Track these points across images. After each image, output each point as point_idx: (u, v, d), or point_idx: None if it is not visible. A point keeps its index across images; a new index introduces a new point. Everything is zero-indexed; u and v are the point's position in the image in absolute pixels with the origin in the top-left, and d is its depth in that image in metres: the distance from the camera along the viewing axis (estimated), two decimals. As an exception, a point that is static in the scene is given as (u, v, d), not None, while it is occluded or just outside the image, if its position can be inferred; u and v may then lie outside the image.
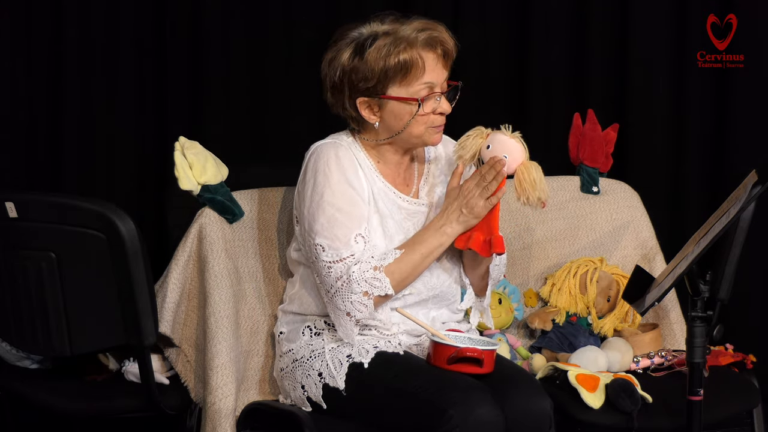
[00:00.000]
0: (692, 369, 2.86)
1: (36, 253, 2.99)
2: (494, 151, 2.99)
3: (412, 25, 3.00)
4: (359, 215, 2.99)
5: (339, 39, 3.03)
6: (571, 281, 3.48)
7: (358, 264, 2.95)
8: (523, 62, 4.29)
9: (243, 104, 4.16)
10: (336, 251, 2.96)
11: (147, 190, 4.10)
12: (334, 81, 3.02)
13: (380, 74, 2.97)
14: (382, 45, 2.97)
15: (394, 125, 3.02)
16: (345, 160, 3.02)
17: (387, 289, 2.96)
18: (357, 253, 2.96)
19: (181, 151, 3.18)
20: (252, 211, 3.28)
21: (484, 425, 2.78)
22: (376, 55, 2.96)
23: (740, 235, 3.33)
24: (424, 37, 2.97)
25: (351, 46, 3.00)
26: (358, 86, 2.99)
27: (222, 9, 4.10)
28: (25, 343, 3.11)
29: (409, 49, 2.96)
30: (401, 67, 2.96)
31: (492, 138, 3.01)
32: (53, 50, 3.99)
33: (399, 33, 2.98)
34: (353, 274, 2.94)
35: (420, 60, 2.97)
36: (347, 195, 2.99)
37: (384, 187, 3.07)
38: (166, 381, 3.22)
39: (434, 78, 2.99)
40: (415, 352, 3.05)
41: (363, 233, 2.98)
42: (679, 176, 4.34)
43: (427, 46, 2.98)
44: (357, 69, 2.98)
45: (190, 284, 3.22)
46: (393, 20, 3.02)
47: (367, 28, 3.02)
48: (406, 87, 2.98)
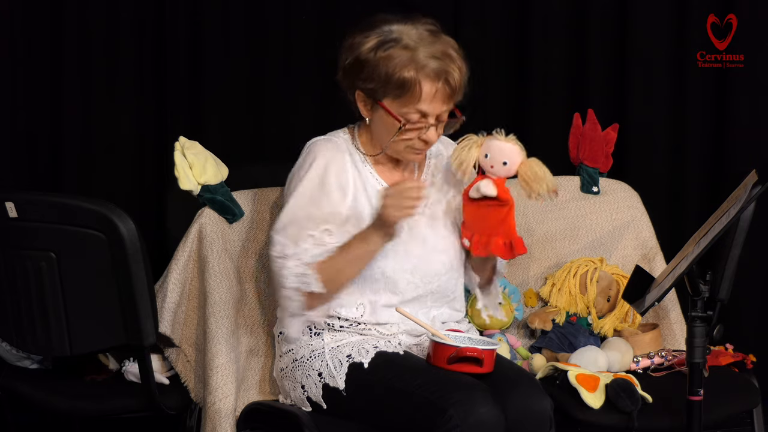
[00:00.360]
0: (692, 369, 2.86)
1: (36, 253, 2.99)
2: (493, 159, 2.98)
3: (433, 48, 2.95)
4: (320, 217, 2.99)
5: (372, 27, 3.00)
6: (571, 281, 3.48)
7: (294, 260, 2.97)
8: (523, 62, 4.29)
9: (243, 104, 4.16)
10: (282, 247, 2.99)
11: (147, 190, 4.10)
12: (345, 65, 3.01)
13: (381, 81, 2.96)
14: (394, 55, 2.94)
15: (379, 133, 3.03)
16: (332, 161, 3.02)
17: (315, 286, 2.95)
18: (300, 252, 2.97)
19: (181, 151, 3.18)
20: (252, 211, 3.28)
21: (485, 425, 2.78)
22: (386, 63, 2.94)
23: (740, 235, 3.33)
24: (433, 67, 2.93)
25: (375, 40, 2.97)
26: (361, 80, 2.99)
27: (222, 9, 4.11)
28: (25, 343, 3.11)
29: (414, 72, 2.93)
30: (400, 85, 2.94)
31: (488, 146, 3.00)
32: (53, 50, 3.99)
33: (416, 51, 2.94)
34: (286, 270, 2.97)
35: (418, 87, 2.94)
36: (315, 197, 3.00)
37: (377, 185, 3.07)
38: (166, 381, 3.22)
39: (428, 108, 2.96)
40: (415, 352, 3.05)
41: (317, 234, 2.99)
42: (679, 176, 4.34)
43: (431, 76, 2.94)
44: (367, 65, 2.97)
45: (190, 284, 3.22)
46: (427, 33, 2.98)
47: (399, 27, 2.98)
48: (398, 105, 2.96)
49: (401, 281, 3.03)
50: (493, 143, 2.99)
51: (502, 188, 3.00)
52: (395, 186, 2.91)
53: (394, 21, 3.00)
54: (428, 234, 3.08)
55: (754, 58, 4.27)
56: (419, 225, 3.07)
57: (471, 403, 2.79)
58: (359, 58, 2.98)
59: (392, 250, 3.02)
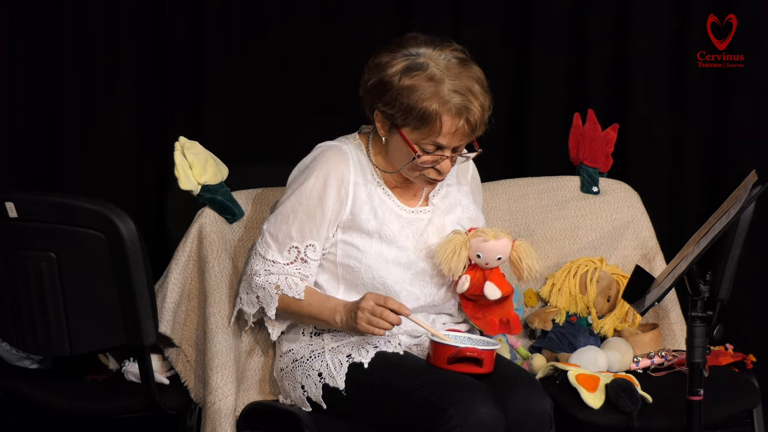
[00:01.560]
0: (692, 369, 2.86)
1: (36, 253, 2.99)
2: (487, 258, 3.02)
3: (458, 82, 2.91)
4: (309, 231, 3.00)
5: (400, 46, 2.96)
6: (571, 281, 3.48)
7: (268, 274, 3.00)
8: (523, 62, 4.29)
9: (243, 104, 4.16)
10: (266, 247, 3.01)
11: (147, 190, 4.10)
12: (368, 85, 2.97)
13: (403, 110, 2.92)
14: (419, 86, 2.90)
15: (393, 155, 3.01)
16: (335, 172, 3.00)
17: (270, 310, 3.01)
18: (278, 264, 3.00)
19: (181, 151, 3.18)
20: (252, 211, 3.28)
21: (485, 425, 2.78)
22: (409, 92, 2.90)
23: (740, 235, 3.33)
24: (456, 103, 2.90)
25: (401, 65, 2.93)
26: (382, 103, 2.95)
27: (222, 9, 4.11)
28: (25, 343, 3.11)
29: (437, 106, 2.90)
30: (421, 117, 2.91)
31: (478, 248, 3.02)
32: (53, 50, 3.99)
33: (441, 84, 2.90)
34: (256, 278, 3.00)
35: (439, 122, 2.90)
36: (311, 207, 3.00)
37: (383, 195, 3.06)
38: (166, 381, 3.22)
39: (446, 142, 2.93)
40: (415, 352, 3.05)
41: (301, 249, 3.00)
42: (679, 176, 4.34)
43: (452, 112, 2.90)
44: (390, 89, 2.92)
45: (190, 284, 3.22)
46: (456, 62, 2.94)
47: (428, 52, 2.94)
48: (417, 135, 2.93)
49: (402, 292, 3.02)
50: (485, 246, 3.02)
51: (501, 284, 3.05)
52: (379, 304, 2.89)
53: (422, 43, 2.95)
54: (433, 245, 3.06)
55: (754, 58, 4.27)
56: (424, 235, 3.07)
57: (471, 403, 2.79)
58: (383, 80, 2.94)
59: (394, 261, 3.02)
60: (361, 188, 3.03)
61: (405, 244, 3.03)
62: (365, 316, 2.89)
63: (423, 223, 3.07)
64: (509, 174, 3.65)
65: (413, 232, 3.06)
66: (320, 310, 2.99)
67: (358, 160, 3.05)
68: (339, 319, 2.96)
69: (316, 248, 3.02)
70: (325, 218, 3.00)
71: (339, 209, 3.01)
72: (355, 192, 3.02)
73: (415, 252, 3.04)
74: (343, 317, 2.95)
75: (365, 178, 3.04)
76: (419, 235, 3.06)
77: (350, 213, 3.01)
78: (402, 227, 3.05)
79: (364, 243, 3.01)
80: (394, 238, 3.02)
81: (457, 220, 3.10)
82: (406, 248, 3.03)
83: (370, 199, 3.03)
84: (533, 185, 3.58)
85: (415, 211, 3.08)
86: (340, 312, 2.96)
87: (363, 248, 3.01)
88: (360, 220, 3.01)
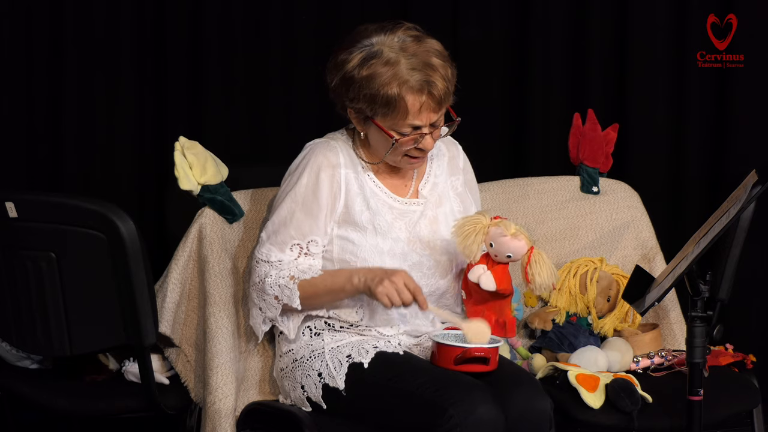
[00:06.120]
0: (692, 369, 2.86)
1: (36, 253, 2.99)
2: (497, 250, 3.02)
3: (415, 59, 2.92)
4: (309, 227, 3.01)
5: (354, 41, 2.98)
6: (571, 281, 3.48)
7: (279, 271, 3.00)
8: (523, 62, 4.29)
9: (243, 104, 4.16)
10: (268, 251, 3.02)
11: (147, 190, 4.10)
12: (333, 85, 3.01)
13: (368, 101, 2.95)
14: (377, 72, 2.93)
15: (375, 146, 3.04)
16: (326, 166, 3.02)
17: (294, 301, 2.98)
18: (285, 261, 3.00)
19: (181, 151, 3.18)
20: (252, 211, 3.28)
21: (485, 424, 2.78)
22: (369, 82, 2.93)
23: (740, 235, 3.33)
24: (416, 80, 2.92)
25: (357, 57, 2.95)
26: (349, 99, 2.98)
27: (222, 9, 4.11)
28: (25, 343, 3.11)
29: (397, 88, 2.91)
30: (386, 103, 2.93)
31: (494, 239, 3.02)
32: (53, 50, 3.99)
33: (398, 65, 2.92)
34: (269, 279, 2.99)
35: (403, 103, 2.92)
36: (307, 204, 3.01)
37: (374, 187, 3.07)
38: (166, 381, 3.22)
39: (418, 121, 2.95)
40: (416, 353, 3.06)
41: (303, 245, 3.01)
42: (679, 176, 4.34)
43: (414, 89, 2.92)
44: (353, 84, 2.95)
45: (190, 284, 3.22)
46: (410, 39, 2.95)
47: (380, 38, 2.96)
48: (389, 121, 2.96)
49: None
50: (501, 239, 3.02)
51: (501, 280, 3.04)
52: (408, 288, 2.89)
53: (374, 32, 2.97)
54: (429, 236, 3.08)
55: (754, 58, 4.27)
56: (417, 228, 3.07)
57: (471, 402, 2.79)
58: (344, 77, 2.97)
59: (389, 252, 3.02)
60: (353, 180, 3.05)
61: (398, 235, 3.04)
62: (389, 289, 2.88)
63: (416, 215, 3.08)
64: (509, 174, 3.66)
65: (406, 224, 3.07)
66: (334, 279, 2.98)
67: (347, 154, 3.07)
68: (357, 280, 2.95)
69: (318, 243, 3.03)
70: (321, 210, 3.01)
71: (334, 201, 3.02)
72: (347, 184, 3.04)
73: (408, 244, 3.05)
74: (361, 278, 2.93)
75: (356, 170, 3.06)
76: (412, 227, 3.07)
77: (344, 205, 3.03)
78: (395, 218, 3.06)
79: (359, 237, 3.02)
80: (388, 229, 3.03)
81: (449, 211, 3.11)
82: (400, 239, 3.04)
83: (362, 190, 3.05)
84: (533, 185, 3.58)
85: (408, 203, 3.09)
86: (359, 274, 2.95)
87: (358, 242, 3.02)
88: (354, 212, 3.02)
